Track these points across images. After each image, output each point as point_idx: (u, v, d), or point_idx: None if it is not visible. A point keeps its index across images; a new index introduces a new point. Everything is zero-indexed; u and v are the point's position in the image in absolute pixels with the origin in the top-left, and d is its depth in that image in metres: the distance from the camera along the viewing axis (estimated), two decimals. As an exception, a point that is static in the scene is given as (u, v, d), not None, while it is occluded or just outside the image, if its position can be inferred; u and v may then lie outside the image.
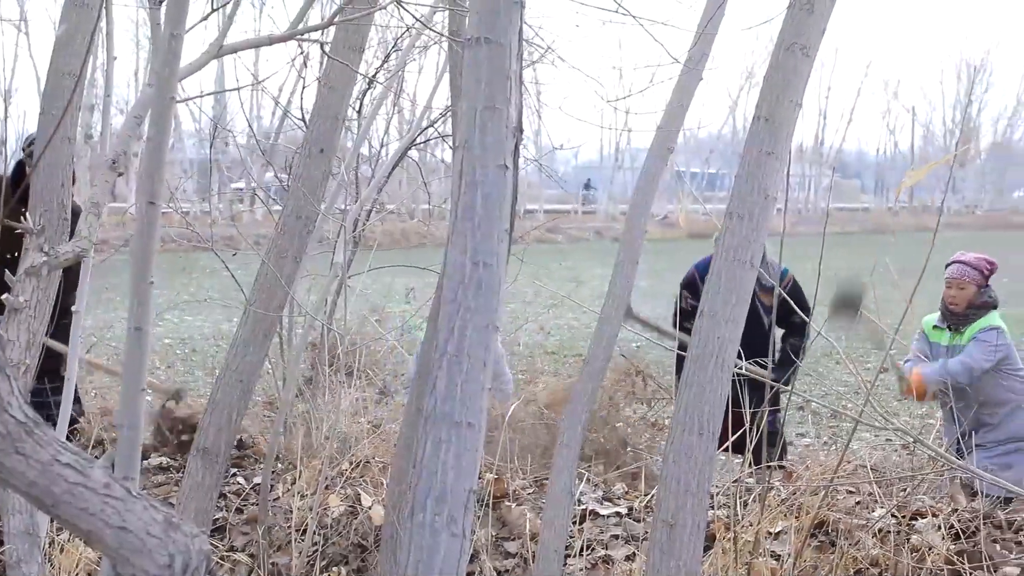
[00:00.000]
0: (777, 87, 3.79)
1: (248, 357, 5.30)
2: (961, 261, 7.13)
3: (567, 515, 4.42)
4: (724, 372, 3.88)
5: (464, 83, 2.82)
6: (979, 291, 7.05)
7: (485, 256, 2.82)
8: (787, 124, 3.83)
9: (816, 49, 3.81)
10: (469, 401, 2.82)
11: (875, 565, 4.95)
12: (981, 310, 7.05)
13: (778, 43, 3.79)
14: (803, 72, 3.81)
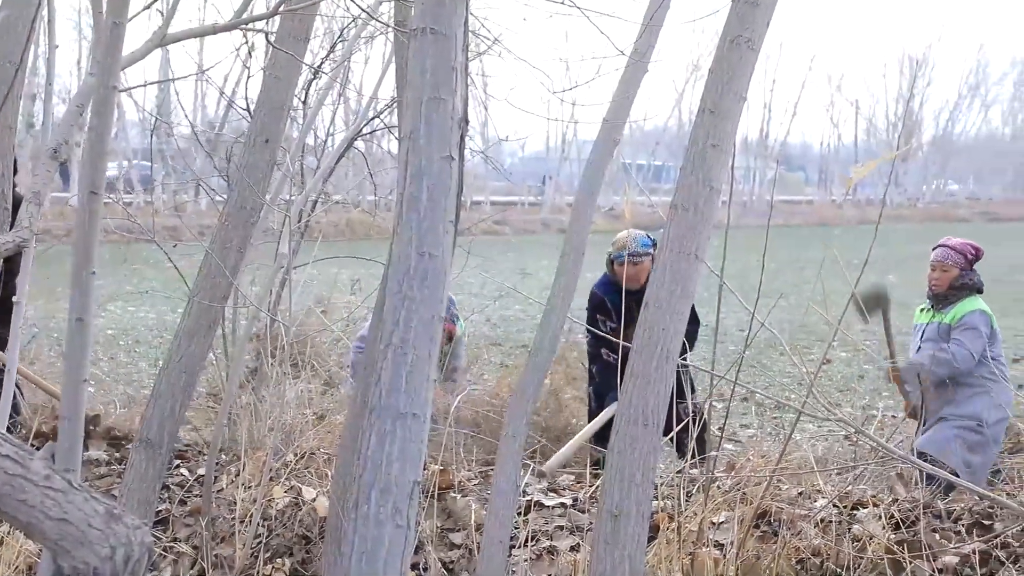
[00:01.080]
0: (722, 80, 3.81)
1: (192, 348, 5.27)
2: (946, 245, 7.38)
3: (512, 506, 4.43)
4: (669, 364, 3.89)
5: (410, 74, 2.82)
6: (961, 274, 7.28)
7: (431, 247, 2.82)
8: (732, 117, 3.85)
9: (761, 42, 3.83)
10: (414, 392, 2.82)
11: (817, 555, 4.99)
12: (962, 291, 7.27)
13: (723, 36, 3.81)
14: (748, 65, 3.83)
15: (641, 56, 4.43)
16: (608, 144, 4.61)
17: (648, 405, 3.87)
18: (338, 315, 11.32)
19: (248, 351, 7.89)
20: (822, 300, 5.76)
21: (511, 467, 4.40)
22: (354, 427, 4.15)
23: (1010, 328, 17.50)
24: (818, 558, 4.99)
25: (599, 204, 16.59)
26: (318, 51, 9.21)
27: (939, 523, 5.33)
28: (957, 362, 7.00)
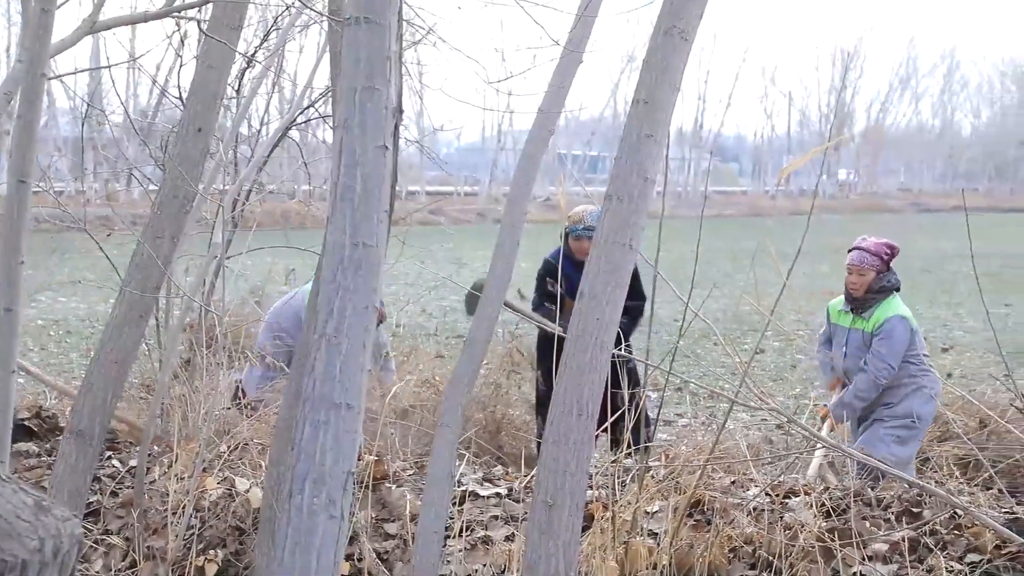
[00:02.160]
0: (656, 71, 3.82)
1: (123, 339, 5.22)
2: (861, 248, 7.37)
3: (447, 496, 4.42)
4: (603, 354, 3.91)
5: (343, 63, 2.81)
6: (879, 276, 7.29)
7: (365, 237, 2.81)
8: (666, 107, 3.86)
9: (694, 33, 3.84)
10: (348, 383, 2.81)
11: (749, 543, 5.03)
12: (881, 294, 7.30)
13: (657, 27, 3.83)
14: (681, 56, 3.85)
15: (576, 46, 4.44)
16: (543, 134, 4.62)
17: (583, 395, 3.88)
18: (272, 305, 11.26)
19: (181, 341, 7.83)
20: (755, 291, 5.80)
21: (446, 457, 4.39)
22: (288, 418, 4.13)
23: (938, 317, 17.78)
24: (751, 546, 5.03)
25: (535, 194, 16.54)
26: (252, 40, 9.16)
27: (869, 511, 5.40)
28: (879, 379, 7.10)
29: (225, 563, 5.41)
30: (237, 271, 9.86)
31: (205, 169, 5.90)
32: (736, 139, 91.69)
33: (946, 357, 13.84)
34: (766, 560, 4.94)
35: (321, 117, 8.80)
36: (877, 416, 7.19)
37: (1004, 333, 15.45)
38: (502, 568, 4.93)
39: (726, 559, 4.95)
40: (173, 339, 6.45)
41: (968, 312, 18.12)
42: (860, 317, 7.29)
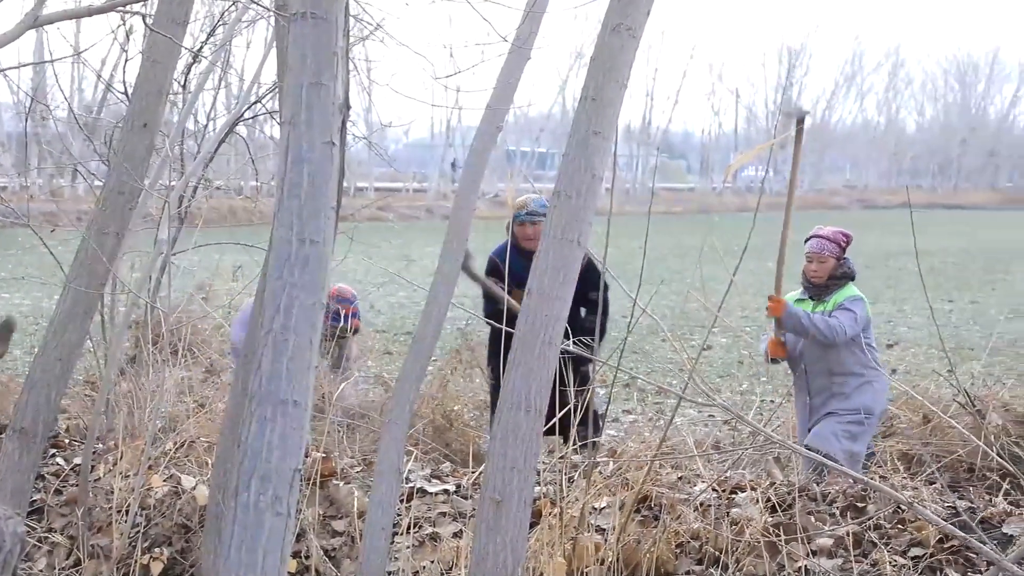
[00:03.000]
0: (604, 68, 3.83)
1: (68, 335, 5.18)
2: (819, 236, 7.41)
3: (394, 493, 4.42)
4: (551, 350, 3.91)
5: (290, 59, 2.80)
6: (838, 263, 7.33)
7: (312, 233, 2.80)
8: (614, 104, 3.88)
9: (641, 30, 3.86)
10: (295, 379, 2.80)
11: (696, 538, 5.06)
12: (840, 280, 7.33)
13: (604, 24, 3.84)
14: (629, 53, 3.86)
15: (523, 43, 4.44)
16: (491, 131, 4.62)
17: (530, 391, 3.89)
18: (219, 302, 11.20)
19: (127, 338, 7.77)
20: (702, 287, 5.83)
21: (394, 454, 4.39)
22: (235, 415, 4.12)
23: (882, 313, 17.94)
24: (697, 542, 5.06)
25: (483, 191, 16.49)
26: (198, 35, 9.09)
27: (815, 506, 5.44)
28: (836, 332, 7.05)
29: (171, 561, 5.37)
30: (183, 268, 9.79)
31: (151, 165, 5.86)
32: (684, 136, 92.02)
33: (891, 353, 13.96)
34: (712, 555, 4.98)
35: (268, 113, 8.75)
36: (830, 409, 7.21)
37: (947, 329, 15.62)
38: (450, 565, 4.93)
39: (673, 554, 4.98)
40: (118, 336, 6.41)
41: (912, 308, 18.29)
42: (820, 303, 7.32)
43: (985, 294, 21.56)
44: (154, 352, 6.90)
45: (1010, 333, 15.28)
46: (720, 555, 4.94)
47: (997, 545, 4.99)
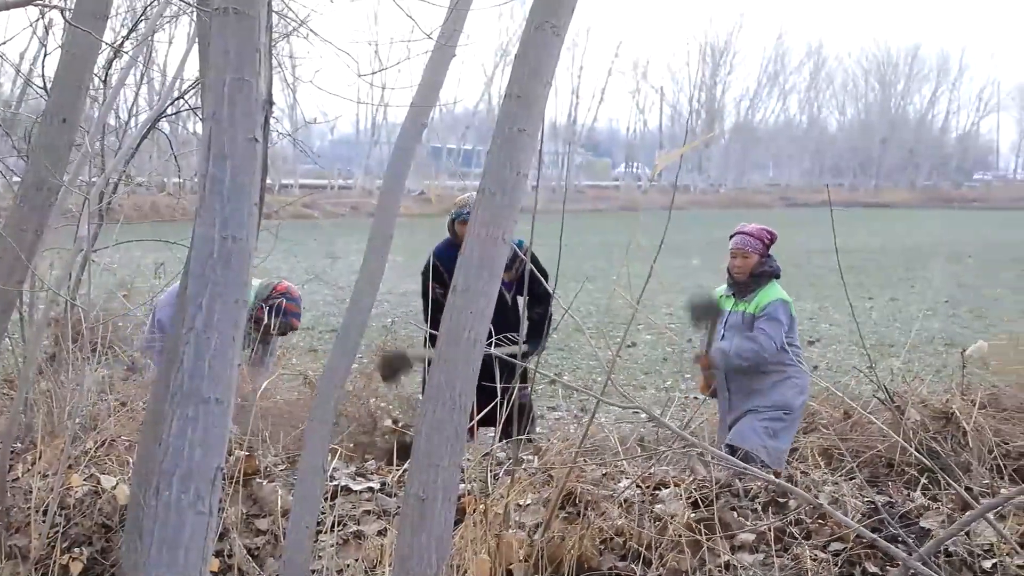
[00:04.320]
0: (529, 65, 3.84)
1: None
2: (743, 232, 7.47)
3: (319, 491, 4.40)
4: (476, 347, 3.92)
5: (212, 54, 2.77)
6: (761, 260, 7.41)
7: (234, 230, 2.79)
8: (539, 102, 3.89)
9: (566, 28, 3.87)
10: (217, 377, 2.78)
11: (620, 535, 5.08)
12: (763, 278, 7.40)
13: (529, 21, 3.85)
14: (554, 50, 3.87)
15: (448, 40, 4.44)
16: (416, 128, 4.61)
17: (456, 388, 3.89)
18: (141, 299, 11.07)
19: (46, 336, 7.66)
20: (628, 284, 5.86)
21: (318, 452, 4.37)
22: (156, 413, 4.08)
23: (804, 311, 18.14)
24: (621, 538, 5.08)
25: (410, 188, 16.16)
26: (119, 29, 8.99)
27: (737, 502, 5.49)
28: (764, 352, 7.17)
29: (91, 561, 5.31)
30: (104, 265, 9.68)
31: (70, 160, 5.79)
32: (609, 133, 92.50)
33: (813, 350, 14.15)
34: (636, 551, 5.00)
35: (191, 109, 8.66)
36: (750, 407, 7.28)
37: (868, 326, 15.84)
38: (374, 563, 4.92)
39: (597, 551, 5.00)
40: (37, 334, 6.32)
41: (834, 306, 18.50)
42: (743, 301, 7.39)
43: (904, 291, 21.87)
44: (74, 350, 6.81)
45: (928, 330, 15.52)
46: (643, 551, 4.97)
47: (915, 539, 5.07)
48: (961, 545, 4.94)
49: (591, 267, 22.56)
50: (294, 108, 44.11)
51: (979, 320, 17.27)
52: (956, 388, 7.93)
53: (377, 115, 60.77)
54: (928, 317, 16.75)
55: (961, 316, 17.95)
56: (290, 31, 6.67)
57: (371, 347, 8.74)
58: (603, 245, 28.20)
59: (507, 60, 58.93)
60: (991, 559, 4.87)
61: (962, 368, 8.32)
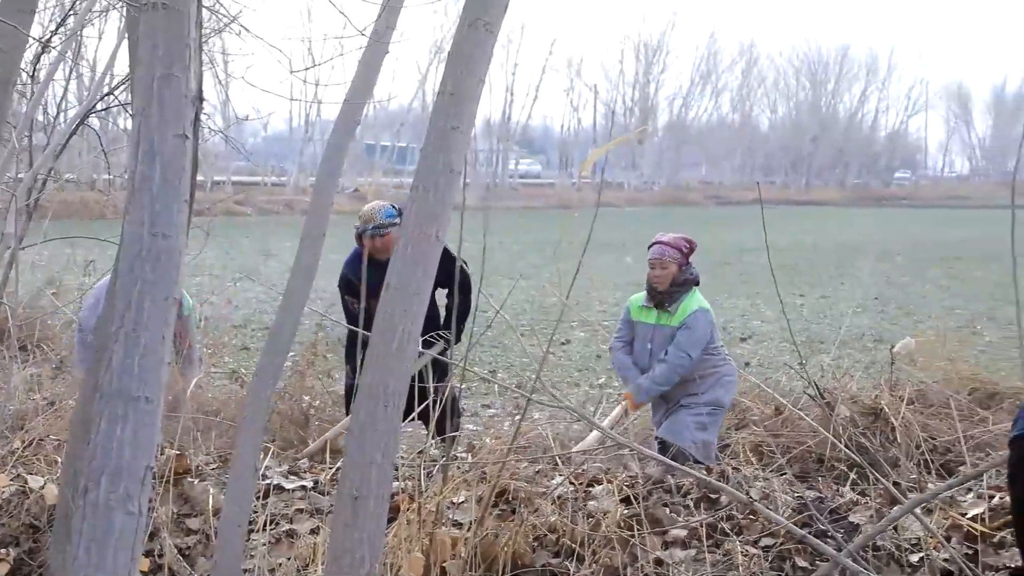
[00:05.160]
0: (462, 62, 3.83)
1: (-90, 332, 5.02)
2: (662, 242, 7.46)
3: (250, 490, 4.37)
4: (409, 345, 3.91)
5: (141, 50, 2.75)
6: (681, 270, 7.40)
7: (164, 227, 2.76)
8: (472, 99, 3.88)
9: (499, 25, 3.87)
10: (147, 376, 2.76)
11: (553, 531, 5.10)
12: (684, 287, 7.41)
13: (462, 19, 3.84)
14: (487, 48, 3.87)
15: (381, 36, 4.43)
16: (349, 125, 4.59)
17: (388, 386, 3.87)
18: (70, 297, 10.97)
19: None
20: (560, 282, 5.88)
21: (250, 450, 4.34)
22: (85, 412, 4.03)
23: (736, 308, 18.29)
24: (555, 535, 5.10)
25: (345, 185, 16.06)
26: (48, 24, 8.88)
27: (669, 498, 5.53)
28: (680, 371, 7.24)
29: (18, 562, 5.24)
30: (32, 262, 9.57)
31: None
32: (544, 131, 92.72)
33: (744, 346, 14.27)
34: (569, 548, 5.02)
35: (121, 105, 8.59)
36: (683, 402, 7.33)
37: (798, 323, 15.95)
38: (306, 561, 4.90)
39: (530, 547, 5.01)
40: (-37, 332, 6.24)
41: (765, 303, 18.65)
42: (665, 312, 7.39)
43: (834, 289, 22.10)
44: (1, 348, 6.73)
45: (858, 327, 15.71)
46: (576, 548, 4.98)
47: (844, 534, 5.13)
48: (889, 539, 5.00)
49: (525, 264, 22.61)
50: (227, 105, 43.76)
51: (907, 317, 17.49)
52: (885, 384, 8.04)
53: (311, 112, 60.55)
54: (858, 314, 16.95)
55: (890, 313, 18.17)
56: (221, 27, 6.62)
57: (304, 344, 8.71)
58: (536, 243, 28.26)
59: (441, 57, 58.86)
60: (918, 553, 4.94)
61: (890, 364, 8.44)
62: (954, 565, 4.76)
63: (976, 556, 4.86)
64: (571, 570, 4.90)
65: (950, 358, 9.47)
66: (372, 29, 4.45)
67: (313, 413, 8.11)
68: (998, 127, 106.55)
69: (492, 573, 4.87)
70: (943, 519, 5.17)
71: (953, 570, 4.77)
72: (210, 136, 8.94)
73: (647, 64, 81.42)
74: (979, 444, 7.26)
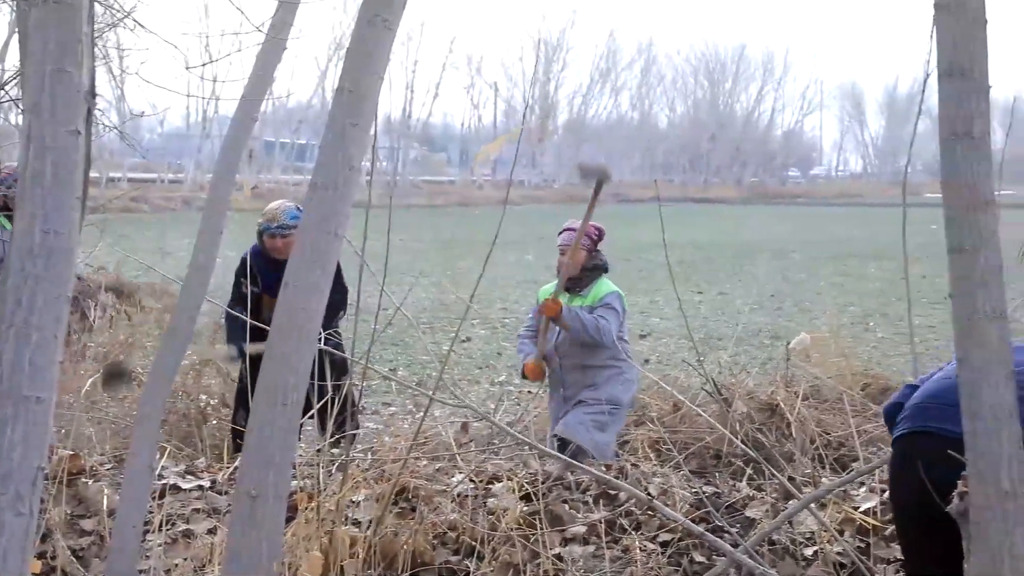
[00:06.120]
0: (361, 59, 3.82)
1: None
2: (571, 228, 7.48)
3: (146, 490, 4.32)
4: (309, 342, 3.89)
5: (31, 44, 2.70)
6: (590, 255, 7.45)
7: (56, 225, 2.72)
8: (371, 96, 3.87)
9: (398, 22, 3.86)
10: (38, 375, 2.71)
11: (454, 529, 5.10)
12: (594, 272, 7.46)
13: (360, 15, 3.83)
14: (386, 44, 3.86)
15: (279, 32, 4.40)
16: (246, 121, 4.55)
17: (287, 385, 3.85)
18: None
19: None
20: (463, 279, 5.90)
21: (146, 450, 4.29)
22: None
23: (636, 305, 18.43)
24: (455, 532, 5.11)
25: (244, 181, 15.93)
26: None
27: (569, 494, 5.56)
28: (604, 335, 7.21)
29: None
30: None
31: None
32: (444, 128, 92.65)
33: (644, 343, 14.37)
34: (469, 546, 5.03)
35: (13, 100, 8.42)
36: (581, 397, 7.34)
37: (697, 320, 16.13)
38: (203, 562, 4.85)
39: (430, 545, 5.01)
40: None
41: (664, 300, 18.80)
42: (577, 296, 7.41)
43: (732, 286, 22.37)
44: None
45: (755, 324, 15.92)
46: (477, 545, 4.99)
47: (740, 529, 5.20)
48: (784, 533, 5.08)
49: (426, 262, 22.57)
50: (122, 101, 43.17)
51: (803, 314, 17.75)
52: (780, 380, 8.17)
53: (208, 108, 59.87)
54: (755, 311, 17.17)
55: (786, 310, 18.43)
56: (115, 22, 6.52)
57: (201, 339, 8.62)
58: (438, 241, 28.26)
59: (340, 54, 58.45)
60: (813, 547, 5.02)
61: (786, 361, 8.58)
62: (847, 558, 4.85)
63: (868, 549, 4.96)
64: (471, 568, 4.91)
65: (844, 354, 9.66)
66: (269, 25, 4.42)
67: (211, 412, 8.03)
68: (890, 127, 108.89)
69: (392, 572, 4.86)
70: (836, 513, 5.26)
71: (846, 563, 4.86)
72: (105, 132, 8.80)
73: (547, 62, 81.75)
74: (871, 439, 7.41)
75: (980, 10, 3.02)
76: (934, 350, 13.48)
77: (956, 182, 3.03)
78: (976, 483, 3.07)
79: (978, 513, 3.09)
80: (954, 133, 3.02)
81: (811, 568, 4.92)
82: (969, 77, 3.01)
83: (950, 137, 3.03)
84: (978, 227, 3.00)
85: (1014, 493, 3.02)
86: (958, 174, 3.03)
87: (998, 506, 3.02)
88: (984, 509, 3.06)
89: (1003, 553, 3.03)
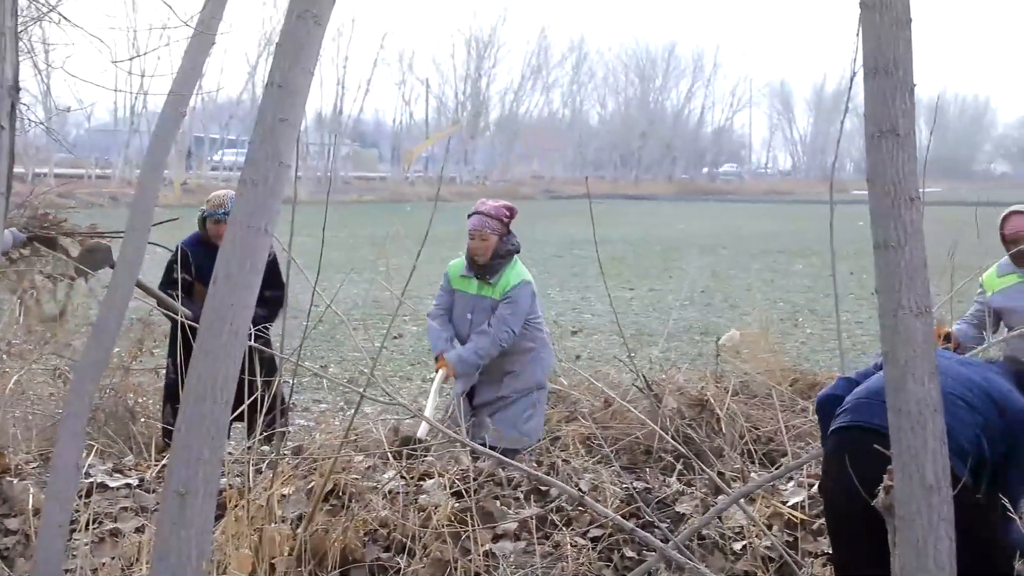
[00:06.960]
0: (290, 54, 3.80)
1: None
2: (481, 212, 7.32)
3: (72, 488, 4.27)
4: (238, 339, 3.86)
5: (-46, 36, 2.66)
6: (502, 240, 7.29)
7: (-21, 220, 2.68)
8: (301, 91, 3.85)
9: (327, 18, 3.85)
10: (-38, 373, 2.68)
11: (385, 526, 5.09)
12: (505, 258, 7.31)
13: (289, 10, 3.81)
14: (315, 40, 3.84)
15: (207, 27, 4.36)
16: (175, 116, 4.51)
17: (216, 381, 3.82)
18: None
19: None
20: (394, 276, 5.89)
21: (72, 448, 4.24)
22: None
23: (568, 301, 18.50)
24: (386, 529, 5.10)
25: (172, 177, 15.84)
26: None
27: (500, 490, 5.57)
28: (501, 343, 7.17)
29: None
30: None
31: None
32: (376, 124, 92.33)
33: (575, 340, 14.42)
34: (400, 543, 5.02)
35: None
36: (503, 392, 7.30)
37: (628, 316, 16.20)
38: (131, 561, 4.80)
39: (361, 542, 5.00)
40: None
41: (596, 296, 18.85)
42: (487, 284, 7.31)
43: (663, 282, 22.47)
44: None
45: (685, 320, 16.01)
46: (408, 542, 4.99)
47: (670, 523, 5.24)
48: (713, 528, 5.12)
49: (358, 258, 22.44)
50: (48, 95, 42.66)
51: (733, 310, 17.87)
52: (710, 376, 8.23)
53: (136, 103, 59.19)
54: (685, 307, 17.26)
55: (716, 306, 18.55)
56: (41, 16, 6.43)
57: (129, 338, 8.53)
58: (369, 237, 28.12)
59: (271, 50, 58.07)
60: (741, 541, 5.06)
61: (716, 357, 8.64)
62: (775, 552, 4.90)
63: (796, 543, 5.01)
64: (402, 565, 4.90)
65: (773, 350, 9.74)
66: (198, 19, 4.38)
67: (139, 410, 7.95)
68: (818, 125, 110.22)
69: (322, 569, 4.84)
70: (765, 508, 5.31)
71: (774, 557, 4.91)
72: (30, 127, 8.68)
73: (478, 58, 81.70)
74: (799, 434, 7.48)
75: (904, 10, 3.07)
76: (861, 346, 13.65)
77: (881, 179, 3.07)
78: (901, 477, 3.11)
79: (903, 507, 3.13)
80: (879, 131, 3.06)
81: (740, 562, 4.96)
82: (894, 75, 3.05)
83: (875, 134, 3.07)
84: (903, 223, 3.04)
85: (938, 487, 3.06)
86: (883, 171, 3.07)
87: (923, 500, 3.07)
88: (908, 503, 3.10)
89: (928, 547, 3.07)
